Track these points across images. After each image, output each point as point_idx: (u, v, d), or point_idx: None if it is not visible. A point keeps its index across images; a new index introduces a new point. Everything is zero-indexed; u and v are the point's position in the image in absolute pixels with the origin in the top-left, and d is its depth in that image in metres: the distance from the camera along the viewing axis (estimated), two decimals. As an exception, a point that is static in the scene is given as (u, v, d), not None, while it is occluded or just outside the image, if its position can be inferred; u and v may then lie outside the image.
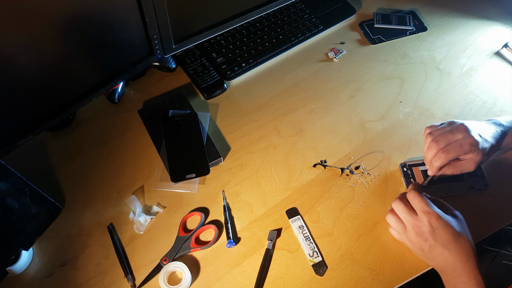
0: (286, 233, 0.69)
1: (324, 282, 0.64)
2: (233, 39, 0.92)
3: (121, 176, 0.74)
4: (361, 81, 0.89)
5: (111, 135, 0.79)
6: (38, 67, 0.60)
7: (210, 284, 0.64)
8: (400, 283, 0.64)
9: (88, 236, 0.68)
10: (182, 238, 0.67)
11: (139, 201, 0.70)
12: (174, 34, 0.77)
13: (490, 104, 0.86)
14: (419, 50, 0.95)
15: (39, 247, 0.66)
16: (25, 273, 0.64)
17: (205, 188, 0.73)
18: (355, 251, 0.67)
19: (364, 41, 0.97)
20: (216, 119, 0.82)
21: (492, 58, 0.94)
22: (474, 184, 0.72)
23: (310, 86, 0.88)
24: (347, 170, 0.76)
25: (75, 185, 0.73)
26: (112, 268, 0.65)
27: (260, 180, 0.75)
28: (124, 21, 0.66)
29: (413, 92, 0.87)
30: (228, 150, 0.78)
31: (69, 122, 0.80)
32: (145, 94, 0.85)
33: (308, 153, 0.78)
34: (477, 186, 0.72)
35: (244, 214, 0.71)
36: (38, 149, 0.77)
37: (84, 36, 0.62)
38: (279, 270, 0.65)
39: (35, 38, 0.56)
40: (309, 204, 0.72)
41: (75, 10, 0.58)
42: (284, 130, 0.81)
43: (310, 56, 0.94)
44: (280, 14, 0.97)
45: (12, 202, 0.60)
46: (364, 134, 0.81)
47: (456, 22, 1.02)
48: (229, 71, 0.88)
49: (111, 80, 0.73)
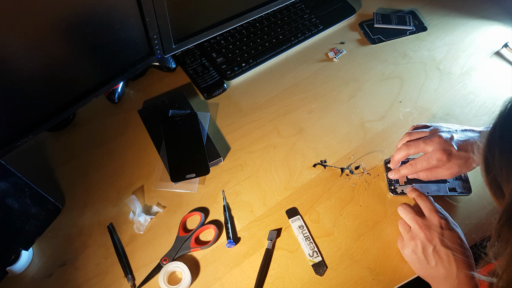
0: (286, 233, 0.69)
1: (324, 282, 0.64)
2: (233, 39, 0.92)
3: (121, 176, 0.74)
4: (361, 81, 0.89)
5: (111, 135, 0.79)
6: (38, 67, 0.60)
7: (210, 284, 0.64)
8: (400, 283, 0.64)
9: (88, 236, 0.68)
10: (182, 238, 0.67)
11: (139, 201, 0.70)
12: (174, 34, 0.77)
13: (490, 104, 0.85)
14: (419, 50, 0.95)
15: (39, 247, 0.66)
16: (25, 273, 0.64)
17: (205, 188, 0.73)
18: (355, 251, 0.67)
19: (364, 41, 0.97)
20: (216, 119, 0.82)
21: (492, 58, 0.94)
22: (457, 187, 0.71)
23: (310, 86, 0.88)
24: (347, 170, 0.76)
25: (75, 185, 0.73)
26: (112, 268, 0.65)
27: (260, 180, 0.75)
28: (124, 21, 0.67)
29: (413, 92, 0.87)
30: (228, 150, 0.78)
31: (69, 122, 0.80)
32: (145, 94, 0.85)
33: (308, 153, 0.78)
34: (460, 189, 0.70)
35: (244, 214, 0.71)
36: (38, 149, 0.77)
37: (84, 36, 0.62)
38: (279, 270, 0.65)
39: (35, 38, 0.56)
40: (309, 204, 0.72)
41: (75, 10, 0.58)
42: (284, 130, 0.81)
43: (310, 56, 0.94)
44: (280, 14, 0.97)
45: (12, 202, 0.60)
46: (364, 134, 0.81)
47: (456, 22, 1.02)
48: (229, 71, 0.88)
49: (111, 80, 0.73)
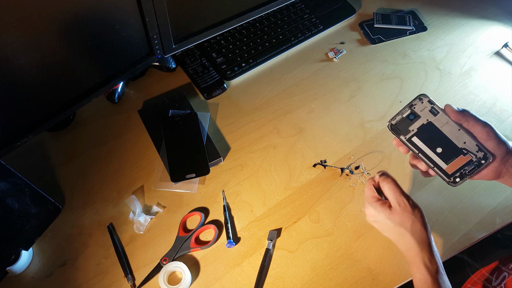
0: (286, 233, 0.69)
1: (324, 282, 0.64)
2: (233, 39, 0.92)
3: (121, 176, 0.74)
4: (361, 81, 0.89)
5: (111, 135, 0.79)
6: (38, 67, 0.60)
7: (210, 284, 0.64)
8: (400, 283, 0.64)
9: (88, 236, 0.68)
10: (182, 238, 0.67)
11: (139, 201, 0.70)
12: (174, 34, 0.77)
13: (490, 104, 0.86)
14: (419, 50, 0.95)
15: (39, 247, 0.66)
16: (25, 273, 0.64)
17: (205, 188, 0.73)
18: (355, 251, 0.67)
19: (364, 41, 0.97)
20: (216, 119, 0.82)
21: (492, 58, 0.94)
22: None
23: (310, 86, 0.88)
24: (347, 170, 0.76)
25: (75, 185, 0.73)
26: (112, 268, 0.65)
27: (260, 180, 0.75)
28: (124, 21, 0.66)
29: (413, 92, 0.87)
30: (228, 150, 0.78)
31: (69, 122, 0.80)
32: (145, 94, 0.85)
33: (308, 153, 0.78)
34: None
35: (244, 214, 0.71)
36: (38, 149, 0.77)
37: (84, 36, 0.62)
38: (279, 270, 0.65)
39: (35, 38, 0.56)
40: (309, 204, 0.72)
41: (75, 10, 0.58)
42: (284, 130, 0.81)
43: (310, 56, 0.94)
44: (280, 14, 0.97)
45: (12, 202, 0.60)
46: (364, 134, 0.81)
47: (456, 22, 1.02)
48: (229, 71, 0.88)
49: (111, 80, 0.73)
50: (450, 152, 0.53)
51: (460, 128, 0.52)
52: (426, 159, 0.54)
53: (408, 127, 0.55)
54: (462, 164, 0.53)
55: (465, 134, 0.52)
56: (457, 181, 0.54)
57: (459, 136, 0.53)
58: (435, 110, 0.53)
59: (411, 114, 0.55)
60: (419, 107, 0.54)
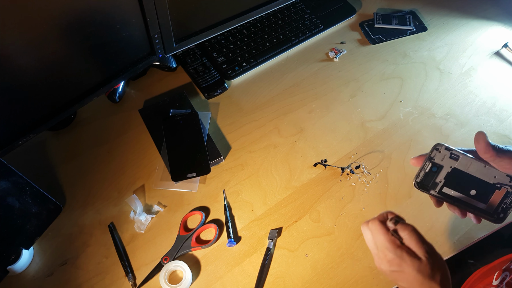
0: (286, 232, 0.69)
1: (324, 281, 0.64)
2: (233, 38, 0.92)
3: (122, 175, 0.74)
4: (361, 81, 0.89)
5: (111, 134, 0.79)
6: (39, 66, 0.60)
7: (211, 283, 0.64)
8: (401, 282, 0.64)
9: (88, 235, 0.68)
10: (182, 237, 0.67)
11: (139, 200, 0.70)
12: (175, 34, 0.77)
13: (490, 104, 0.86)
14: (419, 50, 0.95)
15: (39, 246, 0.66)
16: (25, 272, 0.64)
17: (206, 187, 0.74)
18: (356, 250, 0.67)
19: (364, 41, 0.97)
20: (216, 119, 0.83)
21: (492, 58, 0.94)
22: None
23: (311, 85, 0.88)
24: (347, 169, 0.76)
25: (76, 184, 0.73)
26: (113, 267, 0.65)
27: (260, 180, 0.75)
28: (125, 20, 0.67)
29: (413, 92, 0.88)
30: (228, 150, 0.78)
31: (70, 121, 0.80)
32: (145, 94, 0.86)
33: (309, 153, 0.78)
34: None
35: (245, 213, 0.71)
36: (39, 148, 0.77)
37: (85, 36, 0.62)
38: (280, 269, 0.65)
39: (36, 38, 0.56)
40: (310, 203, 0.72)
41: (76, 10, 0.58)
42: (285, 130, 0.81)
43: (310, 56, 0.94)
44: (281, 14, 0.97)
45: (13, 201, 0.60)
46: (365, 133, 0.81)
47: (456, 22, 1.02)
48: (229, 70, 0.88)
49: (112, 80, 0.73)
50: (484, 191, 0.51)
51: (485, 164, 0.50)
52: (464, 205, 0.52)
53: (435, 180, 0.52)
54: (500, 198, 0.51)
55: (492, 168, 0.50)
56: (501, 216, 0.51)
57: (487, 172, 0.51)
58: (455, 155, 0.51)
59: (433, 167, 0.52)
60: (439, 157, 0.52)
